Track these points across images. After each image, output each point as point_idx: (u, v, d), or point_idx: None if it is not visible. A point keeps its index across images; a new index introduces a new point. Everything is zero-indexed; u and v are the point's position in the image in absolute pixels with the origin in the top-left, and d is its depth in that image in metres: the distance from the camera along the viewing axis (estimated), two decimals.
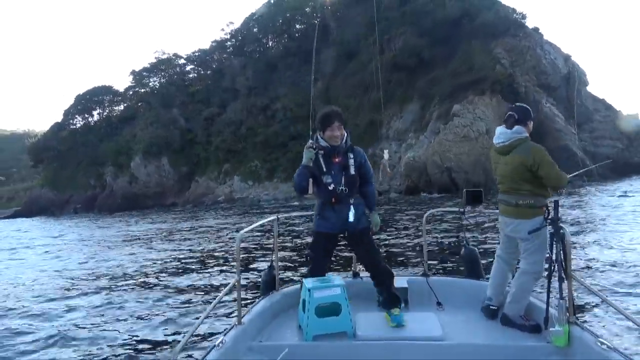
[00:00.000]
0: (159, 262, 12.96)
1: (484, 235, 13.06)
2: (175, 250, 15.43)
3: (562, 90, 43.70)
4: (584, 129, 43.28)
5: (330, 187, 3.69)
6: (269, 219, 4.40)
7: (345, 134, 3.75)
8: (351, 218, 3.70)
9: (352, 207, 3.71)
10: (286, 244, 14.11)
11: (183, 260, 12.97)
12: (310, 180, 3.68)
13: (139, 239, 20.07)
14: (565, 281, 3.13)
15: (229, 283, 3.48)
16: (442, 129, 39.24)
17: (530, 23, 46.96)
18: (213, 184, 56.21)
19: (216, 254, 13.92)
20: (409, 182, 38.18)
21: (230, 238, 17.26)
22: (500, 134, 3.84)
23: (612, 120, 44.69)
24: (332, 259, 4.39)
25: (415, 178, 37.93)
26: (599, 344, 2.80)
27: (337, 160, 3.73)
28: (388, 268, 3.93)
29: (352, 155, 3.77)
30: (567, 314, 3.09)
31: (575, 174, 4.66)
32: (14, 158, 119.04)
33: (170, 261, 12.95)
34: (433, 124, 40.61)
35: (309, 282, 3.69)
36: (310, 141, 3.76)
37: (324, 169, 3.71)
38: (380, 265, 3.86)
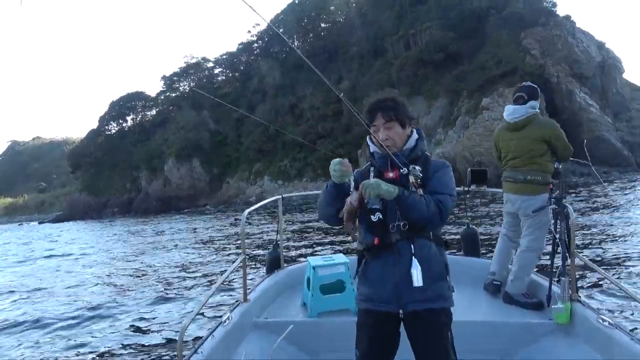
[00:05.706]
0: (170, 242, 13.31)
1: (486, 216, 12.95)
2: (186, 233, 15.82)
3: (597, 79, 42.22)
4: (620, 119, 41.78)
5: (374, 218, 2.10)
6: (273, 198, 4.45)
7: (412, 134, 2.25)
8: (415, 281, 2.03)
9: (414, 259, 2.06)
10: (291, 224, 14.30)
11: (193, 241, 13.31)
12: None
13: (164, 232, 20.57)
14: (568, 259, 3.12)
15: (235, 262, 3.58)
16: (472, 124, 38.54)
17: (561, 11, 45.57)
18: (244, 184, 57.04)
19: (223, 234, 14.24)
20: None
21: (236, 219, 17.67)
22: (515, 110, 3.84)
23: None
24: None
25: None
26: (600, 321, 2.80)
27: (390, 175, 2.17)
28: None
29: (419, 168, 2.11)
30: (570, 291, 3.08)
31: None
32: (53, 165, 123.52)
33: (181, 242, 13.28)
34: (462, 119, 39.97)
35: (313, 260, 3.79)
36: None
37: None
38: None
